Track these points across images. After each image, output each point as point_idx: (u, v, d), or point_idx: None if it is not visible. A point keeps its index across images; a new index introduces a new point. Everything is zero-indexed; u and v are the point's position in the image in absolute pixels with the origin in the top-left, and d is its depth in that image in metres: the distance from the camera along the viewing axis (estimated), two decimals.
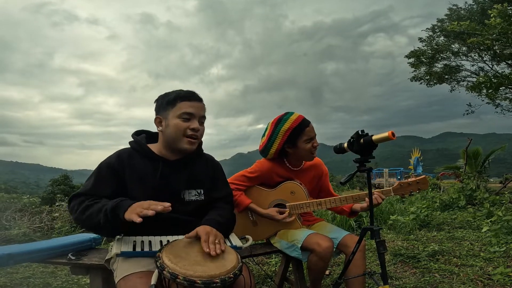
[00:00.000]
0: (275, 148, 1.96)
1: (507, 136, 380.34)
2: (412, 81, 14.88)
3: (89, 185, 1.41)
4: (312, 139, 1.95)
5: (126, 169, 1.43)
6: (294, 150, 1.96)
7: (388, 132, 1.40)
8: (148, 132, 1.62)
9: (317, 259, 1.77)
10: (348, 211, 2.07)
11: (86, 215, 1.32)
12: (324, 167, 2.18)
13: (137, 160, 1.46)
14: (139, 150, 1.49)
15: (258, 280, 2.66)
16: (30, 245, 1.71)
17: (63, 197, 7.57)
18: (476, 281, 2.47)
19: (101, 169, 1.44)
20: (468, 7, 12.53)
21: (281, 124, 1.93)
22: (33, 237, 4.09)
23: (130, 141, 1.53)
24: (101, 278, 1.60)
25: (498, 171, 38.02)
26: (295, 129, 1.91)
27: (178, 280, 1.06)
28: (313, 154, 1.98)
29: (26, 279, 2.73)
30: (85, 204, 1.34)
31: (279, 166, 2.02)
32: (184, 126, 1.43)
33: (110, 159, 1.46)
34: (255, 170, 2.01)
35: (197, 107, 1.47)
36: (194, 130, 1.44)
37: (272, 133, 1.95)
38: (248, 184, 2.00)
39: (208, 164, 1.62)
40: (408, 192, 1.87)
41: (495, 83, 10.55)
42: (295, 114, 1.95)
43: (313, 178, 2.12)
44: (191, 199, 1.51)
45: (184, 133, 1.44)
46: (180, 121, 1.43)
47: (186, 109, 1.43)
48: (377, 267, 2.81)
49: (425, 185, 1.88)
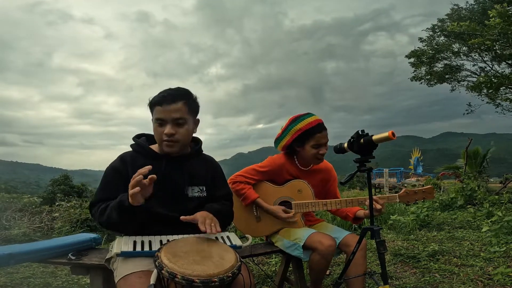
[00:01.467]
0: (284, 143, 2.01)
1: (507, 136, 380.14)
2: (413, 81, 14.88)
3: (99, 192, 1.46)
4: (320, 146, 1.96)
5: (130, 170, 1.45)
6: (301, 150, 2.00)
7: (388, 132, 1.41)
8: (148, 135, 1.65)
9: (319, 258, 1.78)
10: (352, 217, 2.05)
11: (105, 218, 1.36)
12: (334, 172, 2.19)
13: (140, 160, 1.48)
14: (141, 151, 1.52)
15: (258, 280, 2.66)
16: (30, 245, 1.71)
17: (63, 197, 7.57)
18: (476, 281, 2.47)
19: (107, 175, 1.48)
20: (469, 7, 12.53)
21: (296, 122, 1.97)
22: (33, 237, 4.09)
23: (131, 144, 1.57)
24: (101, 278, 1.61)
25: (498, 171, 37.99)
26: (307, 131, 1.93)
27: (176, 279, 1.06)
28: (319, 159, 2.00)
29: (27, 279, 2.73)
30: (101, 209, 1.39)
31: (290, 164, 2.05)
32: (160, 131, 1.46)
33: (114, 163, 1.50)
34: (266, 165, 2.03)
35: (168, 111, 1.43)
36: (167, 135, 1.45)
37: (286, 128, 2.00)
38: (257, 178, 2.02)
39: (208, 164, 1.65)
40: (414, 200, 1.88)
41: (496, 83, 10.54)
42: (314, 117, 1.96)
43: (321, 181, 2.13)
44: (194, 196, 1.54)
45: (161, 137, 1.46)
46: (156, 126, 1.47)
47: (157, 114, 1.45)
48: (377, 267, 2.81)
49: (431, 194, 1.88)
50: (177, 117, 1.45)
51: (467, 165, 9.50)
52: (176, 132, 1.46)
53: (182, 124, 1.47)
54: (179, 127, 1.47)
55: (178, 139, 1.47)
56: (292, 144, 1.99)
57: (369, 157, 1.52)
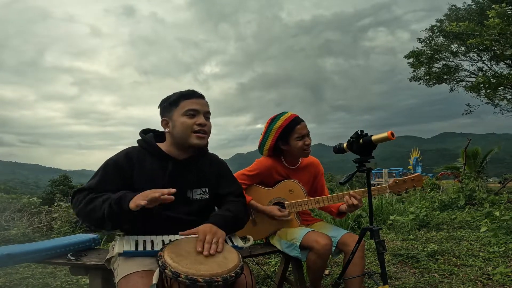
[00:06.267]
0: (268, 145, 2.03)
1: (506, 136, 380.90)
2: (412, 81, 14.92)
3: (94, 181, 1.41)
4: (304, 137, 1.99)
5: (136, 168, 1.44)
6: (288, 147, 2.01)
7: (387, 132, 1.41)
8: (155, 131, 1.63)
9: (316, 257, 1.78)
10: (335, 212, 2.09)
11: (90, 208, 1.31)
12: (321, 167, 2.22)
13: (147, 159, 1.47)
14: (149, 149, 1.50)
15: (258, 280, 2.66)
16: (29, 245, 1.71)
17: (62, 198, 7.56)
18: (476, 281, 2.47)
19: (107, 167, 1.44)
20: (466, 7, 12.57)
21: (274, 122, 2.02)
22: (32, 238, 4.08)
23: (138, 139, 1.54)
24: (101, 278, 1.60)
25: (497, 171, 38.06)
26: (287, 127, 1.97)
27: (180, 279, 1.06)
28: (307, 151, 2.02)
29: (25, 280, 2.72)
30: (89, 197, 1.34)
31: (278, 164, 2.06)
32: (191, 122, 1.46)
33: (118, 157, 1.46)
34: (254, 169, 2.04)
35: (201, 103, 1.50)
36: (201, 125, 1.47)
37: (266, 130, 2.04)
38: (247, 182, 2.03)
39: (213, 163, 1.63)
40: (404, 189, 1.89)
41: (494, 83, 10.57)
42: (289, 113, 2.03)
43: (311, 177, 2.16)
44: (196, 198, 1.52)
45: (192, 129, 1.46)
46: (186, 118, 1.46)
47: (190, 106, 1.47)
48: (376, 267, 2.81)
49: (419, 182, 1.90)
50: (207, 110, 1.52)
51: (466, 165, 9.51)
52: (206, 124, 1.50)
53: (209, 118, 1.54)
54: (207, 120, 1.52)
55: (207, 131, 1.51)
56: (276, 143, 2.01)
57: (368, 158, 1.53)
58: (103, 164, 1.45)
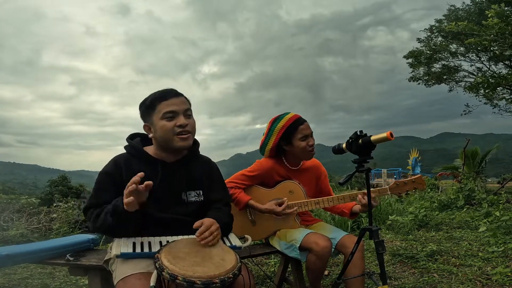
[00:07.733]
0: (271, 146, 2.01)
1: (505, 136, 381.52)
2: (411, 81, 14.93)
3: (92, 196, 1.45)
4: (307, 137, 1.97)
5: (125, 174, 1.42)
6: (290, 148, 1.99)
7: (386, 133, 1.41)
8: (142, 135, 1.60)
9: (315, 259, 1.77)
10: (348, 213, 2.07)
11: (99, 224, 1.35)
12: (323, 168, 2.20)
13: (135, 164, 1.45)
14: (136, 154, 1.48)
15: (257, 281, 2.66)
16: (28, 246, 1.71)
17: (61, 198, 7.55)
18: (475, 281, 2.47)
19: (100, 180, 1.46)
20: (465, 7, 12.60)
21: (276, 122, 2.00)
22: (31, 238, 4.08)
23: (125, 145, 1.52)
24: (100, 279, 1.60)
25: (496, 172, 38.11)
26: (290, 127, 1.96)
27: (177, 281, 1.06)
28: (311, 152, 1.99)
29: (24, 280, 2.71)
30: (95, 214, 1.38)
31: (278, 165, 2.05)
32: (171, 125, 1.41)
33: (107, 167, 1.47)
34: (255, 169, 2.03)
35: (177, 103, 1.43)
36: (182, 126, 1.42)
37: (269, 130, 2.02)
38: (247, 183, 2.02)
39: (205, 165, 1.61)
40: (405, 191, 1.87)
41: (493, 83, 10.60)
42: (291, 114, 2.01)
43: (312, 178, 2.14)
44: (191, 200, 1.51)
45: (173, 132, 1.41)
46: (165, 121, 1.41)
47: (166, 108, 1.41)
48: (376, 267, 2.81)
49: (421, 184, 1.87)
50: (186, 108, 1.45)
51: (465, 165, 9.53)
52: (188, 123, 1.44)
53: (190, 116, 1.48)
54: (188, 119, 1.46)
55: (190, 131, 1.45)
56: (279, 144, 1.99)
57: (367, 158, 1.53)
58: (97, 177, 1.48)
